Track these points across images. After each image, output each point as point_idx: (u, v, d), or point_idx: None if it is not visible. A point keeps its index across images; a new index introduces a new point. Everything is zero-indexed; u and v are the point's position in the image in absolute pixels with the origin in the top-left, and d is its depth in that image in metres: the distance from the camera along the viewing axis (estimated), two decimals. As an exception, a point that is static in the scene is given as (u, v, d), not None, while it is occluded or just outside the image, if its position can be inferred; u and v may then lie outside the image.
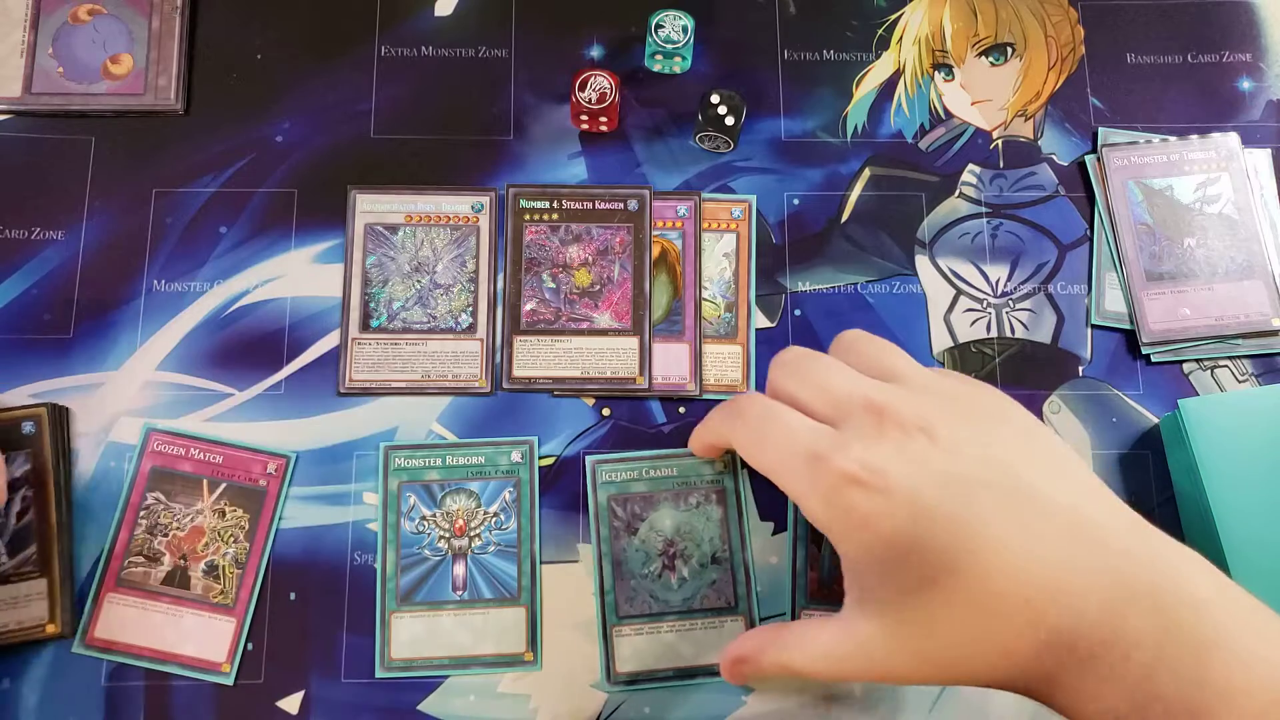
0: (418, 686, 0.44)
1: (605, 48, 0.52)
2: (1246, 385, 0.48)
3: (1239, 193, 0.50)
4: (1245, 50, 0.53)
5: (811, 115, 0.51)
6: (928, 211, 0.50)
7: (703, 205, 0.50)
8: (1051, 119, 0.52)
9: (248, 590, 0.44)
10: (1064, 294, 0.49)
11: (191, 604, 0.44)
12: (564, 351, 0.47)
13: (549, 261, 0.49)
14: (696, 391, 0.47)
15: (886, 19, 0.53)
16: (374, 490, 0.46)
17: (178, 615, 0.44)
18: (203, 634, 0.44)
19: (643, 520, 0.46)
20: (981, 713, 0.44)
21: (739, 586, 0.45)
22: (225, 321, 0.48)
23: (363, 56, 0.51)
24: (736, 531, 0.46)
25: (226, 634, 0.44)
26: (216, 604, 0.44)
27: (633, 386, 0.47)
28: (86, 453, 0.46)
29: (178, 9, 0.51)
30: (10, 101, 0.50)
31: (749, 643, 0.37)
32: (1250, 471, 0.43)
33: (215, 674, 0.43)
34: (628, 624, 0.45)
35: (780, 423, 0.36)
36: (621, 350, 0.47)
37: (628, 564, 0.45)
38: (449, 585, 0.45)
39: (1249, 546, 0.42)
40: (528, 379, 0.47)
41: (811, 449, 0.34)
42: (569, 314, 0.48)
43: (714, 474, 0.46)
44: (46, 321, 0.47)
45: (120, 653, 0.43)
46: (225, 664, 0.43)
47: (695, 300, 0.48)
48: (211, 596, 0.44)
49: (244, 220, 0.49)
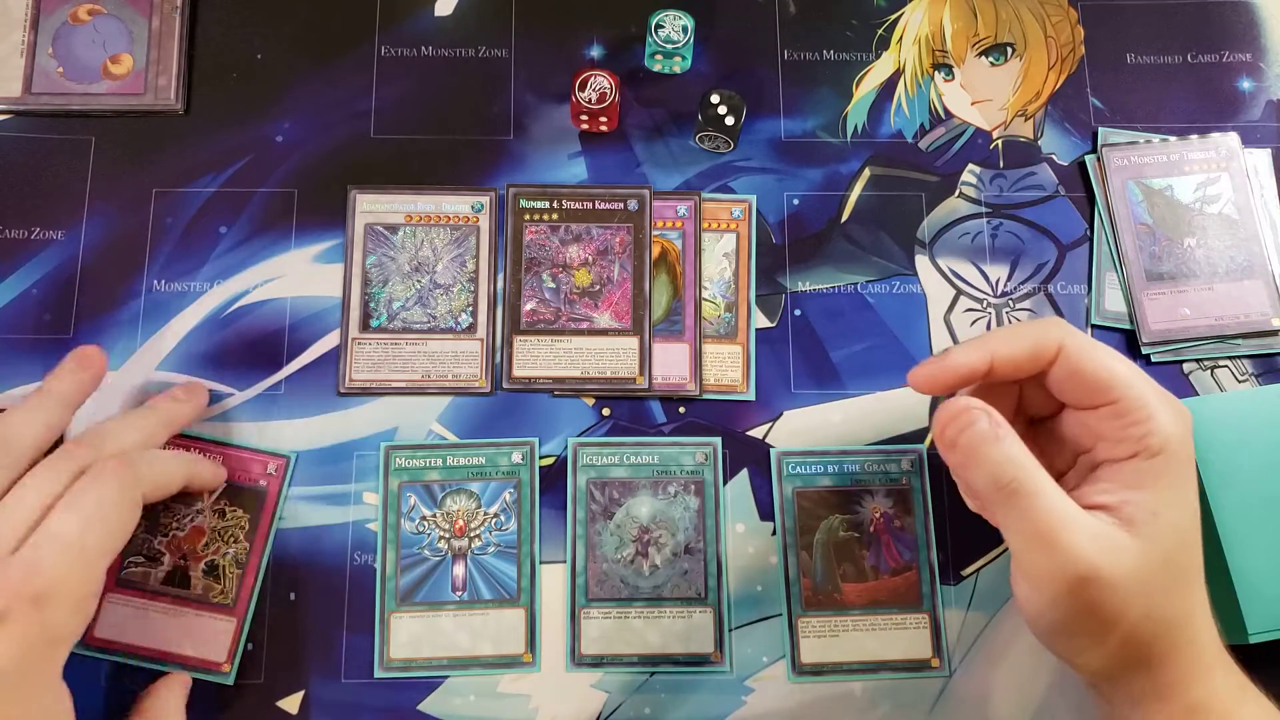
0: (417, 686, 0.44)
1: (605, 48, 0.52)
2: (1246, 385, 0.48)
3: (1239, 193, 0.50)
4: (1245, 50, 0.53)
5: (811, 115, 0.51)
6: (928, 211, 0.50)
7: (703, 205, 0.50)
8: (1051, 119, 0.52)
9: (248, 590, 0.44)
10: (1064, 294, 0.49)
11: (192, 604, 0.44)
12: (564, 351, 0.47)
13: (549, 261, 0.49)
14: (696, 391, 0.47)
15: (886, 19, 0.53)
16: (374, 490, 0.46)
17: (178, 615, 0.44)
18: (203, 634, 0.44)
19: (620, 505, 0.46)
20: (981, 713, 0.44)
21: (710, 578, 0.45)
22: (225, 321, 0.48)
23: (363, 56, 0.51)
24: (712, 523, 0.46)
25: (226, 634, 0.44)
26: (216, 604, 0.44)
27: (633, 386, 0.47)
28: (86, 453, 0.46)
29: (178, 9, 0.51)
30: (10, 101, 0.50)
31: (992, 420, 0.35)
32: (1250, 471, 0.43)
33: (215, 674, 0.43)
34: (596, 607, 0.45)
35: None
36: (621, 350, 0.47)
37: (601, 547, 0.45)
38: (449, 586, 0.45)
39: (1249, 546, 0.42)
40: (528, 379, 0.47)
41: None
42: (569, 314, 0.48)
43: (694, 465, 0.46)
44: (46, 321, 0.47)
45: (120, 653, 0.43)
46: (225, 664, 0.43)
47: (695, 300, 0.48)
48: (212, 596, 0.44)
49: (244, 220, 0.49)
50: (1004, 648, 0.45)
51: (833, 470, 0.47)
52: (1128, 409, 0.35)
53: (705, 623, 0.45)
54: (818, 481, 0.46)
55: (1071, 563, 0.33)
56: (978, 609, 0.45)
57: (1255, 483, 0.43)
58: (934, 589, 0.45)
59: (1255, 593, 0.42)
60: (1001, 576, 0.46)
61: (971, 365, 0.37)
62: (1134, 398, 0.35)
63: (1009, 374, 0.37)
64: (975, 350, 0.37)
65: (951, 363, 0.37)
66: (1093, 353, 0.36)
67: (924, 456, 0.47)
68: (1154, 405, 0.35)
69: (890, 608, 0.45)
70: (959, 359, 0.37)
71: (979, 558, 0.46)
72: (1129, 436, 0.35)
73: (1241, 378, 0.48)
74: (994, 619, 0.45)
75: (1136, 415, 0.35)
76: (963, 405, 0.36)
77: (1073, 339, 0.37)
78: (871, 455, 0.47)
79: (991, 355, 0.37)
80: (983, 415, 0.35)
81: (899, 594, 0.45)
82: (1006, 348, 0.37)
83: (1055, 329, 0.37)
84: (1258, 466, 0.43)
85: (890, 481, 0.47)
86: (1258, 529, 0.42)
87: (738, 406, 0.47)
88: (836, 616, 0.45)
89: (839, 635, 0.45)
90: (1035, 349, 0.37)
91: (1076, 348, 0.36)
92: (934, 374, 0.37)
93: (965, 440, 0.35)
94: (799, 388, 0.48)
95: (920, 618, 0.45)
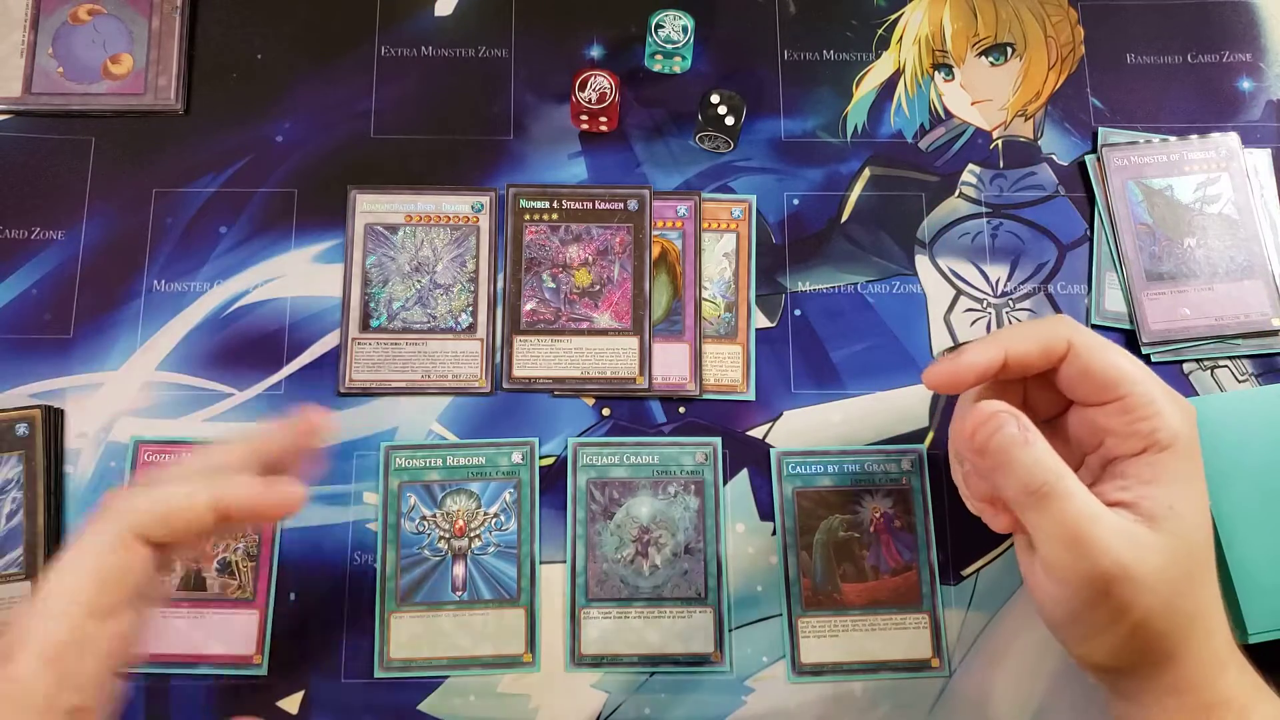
0: (417, 686, 0.44)
1: (605, 48, 0.52)
2: (1246, 385, 0.48)
3: (1239, 193, 0.50)
4: (1245, 50, 0.53)
5: (811, 115, 0.51)
6: (928, 211, 0.50)
7: (703, 205, 0.50)
8: (1051, 119, 0.52)
9: (265, 580, 0.44)
10: (1064, 294, 0.49)
11: (212, 604, 0.44)
12: (564, 351, 0.47)
13: (549, 261, 0.49)
14: (696, 391, 0.47)
15: (886, 19, 0.53)
16: (374, 490, 0.46)
17: (199, 617, 0.44)
18: (228, 631, 0.44)
19: (620, 505, 0.46)
20: (981, 713, 0.44)
21: (710, 578, 0.45)
22: (225, 321, 0.48)
23: (363, 56, 0.51)
24: (712, 523, 0.46)
25: (252, 625, 0.44)
26: (236, 599, 0.44)
27: (633, 386, 0.47)
28: (86, 453, 0.46)
29: (178, 9, 0.51)
30: (10, 101, 0.50)
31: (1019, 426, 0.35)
32: (1250, 471, 0.43)
33: (248, 667, 0.43)
34: (596, 607, 0.45)
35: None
36: (621, 350, 0.47)
37: (601, 547, 0.45)
38: (449, 586, 0.45)
39: (1249, 546, 0.42)
40: (528, 379, 0.47)
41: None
42: (569, 314, 0.48)
43: (694, 465, 0.46)
44: (46, 321, 0.47)
45: (149, 663, 0.43)
46: (256, 655, 0.43)
47: (695, 300, 0.48)
48: (229, 593, 0.44)
49: (244, 220, 0.49)
50: (1004, 648, 0.45)
51: (833, 470, 0.47)
52: (1136, 404, 0.36)
53: (705, 623, 0.45)
54: (818, 481, 0.46)
55: (1104, 563, 0.33)
56: (978, 609, 0.45)
57: (1255, 482, 0.43)
58: (934, 589, 0.45)
59: (1255, 592, 0.42)
60: (1002, 576, 0.46)
61: (988, 362, 0.37)
62: (1141, 393, 0.36)
63: (1020, 371, 0.38)
64: (990, 347, 0.37)
65: (968, 361, 0.37)
66: (1102, 350, 0.37)
67: (924, 456, 0.47)
68: (1161, 400, 0.36)
69: (890, 608, 0.45)
70: (975, 357, 0.37)
71: (979, 558, 0.46)
72: (1138, 431, 0.36)
73: (1241, 378, 0.48)
74: (994, 619, 0.45)
75: (1145, 410, 0.36)
76: (991, 410, 0.36)
77: (1081, 336, 0.37)
78: (871, 455, 0.47)
79: (1005, 352, 0.37)
80: (1011, 419, 0.35)
81: (899, 594, 0.45)
82: (1019, 344, 0.37)
83: (1064, 326, 0.37)
84: (1258, 466, 0.43)
85: (890, 481, 0.47)
86: (1257, 529, 0.42)
87: (738, 406, 0.47)
88: (836, 616, 0.45)
89: (839, 635, 0.45)
90: (1046, 346, 0.37)
91: (1085, 345, 0.37)
92: (952, 372, 0.37)
93: (996, 444, 0.35)
94: (799, 388, 0.48)
95: (920, 618, 0.45)
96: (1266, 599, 0.42)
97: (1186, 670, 0.35)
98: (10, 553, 0.44)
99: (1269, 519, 0.42)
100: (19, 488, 0.44)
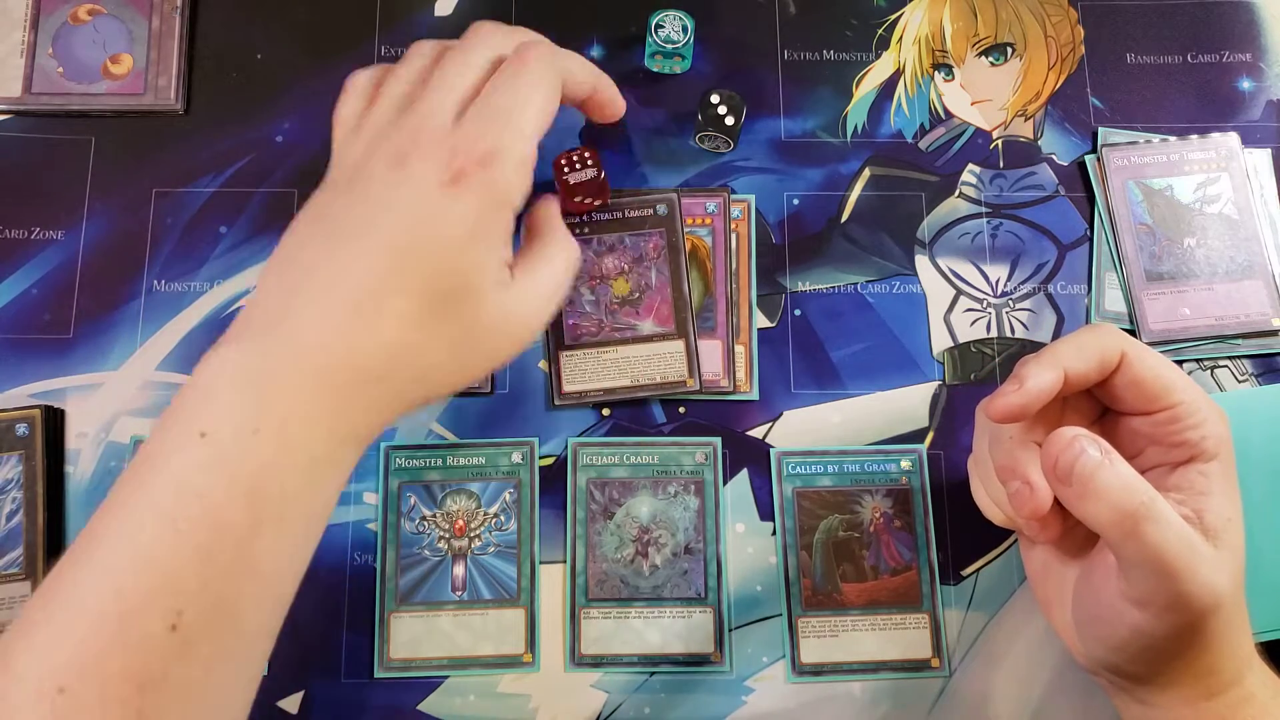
0: (417, 686, 0.44)
1: (605, 48, 0.52)
2: (1246, 385, 0.48)
3: (1239, 193, 0.50)
4: (1245, 50, 0.53)
5: (811, 115, 0.51)
6: (928, 211, 0.50)
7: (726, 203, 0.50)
8: (1051, 119, 0.52)
9: None
10: (1064, 294, 0.49)
11: None
12: (611, 362, 0.47)
13: (585, 274, 0.48)
14: (730, 388, 0.47)
15: (886, 19, 0.53)
16: (374, 490, 0.46)
17: None
18: None
19: (619, 505, 0.46)
20: (981, 713, 0.44)
21: (710, 578, 0.45)
22: (225, 321, 0.48)
23: (363, 56, 0.51)
24: (712, 523, 0.46)
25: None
26: None
27: (685, 390, 0.47)
28: (86, 453, 0.46)
29: (178, 9, 0.51)
30: (10, 101, 0.50)
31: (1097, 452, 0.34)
32: (1250, 471, 0.43)
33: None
34: (596, 607, 0.45)
35: None
36: (669, 354, 0.47)
37: (601, 547, 0.45)
38: (449, 586, 0.45)
39: (1251, 546, 0.42)
40: (579, 393, 0.47)
41: None
42: (611, 324, 0.48)
43: (694, 465, 0.46)
44: (46, 321, 0.47)
45: None
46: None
47: (727, 297, 0.48)
48: None
49: (244, 220, 0.49)
50: (1004, 648, 0.45)
51: (833, 470, 0.47)
52: (1185, 413, 0.36)
53: (705, 623, 0.45)
54: (817, 481, 0.46)
55: (1201, 595, 0.33)
56: (978, 609, 0.45)
57: (1255, 483, 0.43)
58: (934, 589, 0.45)
59: (1255, 592, 0.42)
60: (1001, 576, 0.46)
61: (1051, 386, 0.36)
62: (1190, 401, 0.36)
63: (1076, 387, 0.37)
64: (1049, 370, 0.36)
65: (1034, 389, 0.36)
66: (1153, 360, 0.37)
67: (924, 456, 0.47)
68: (1206, 408, 0.36)
69: (890, 608, 0.45)
70: (1039, 383, 0.36)
71: (979, 558, 0.46)
72: (1187, 440, 0.36)
73: (1241, 378, 0.48)
74: (994, 619, 0.45)
75: (1193, 419, 0.36)
76: (1070, 436, 0.35)
77: (1133, 347, 0.37)
78: (871, 455, 0.47)
79: (1065, 371, 0.36)
80: (1091, 443, 0.34)
81: (899, 594, 0.45)
82: (1076, 362, 0.36)
83: (1115, 338, 0.37)
84: (1259, 466, 0.43)
85: (890, 481, 0.47)
86: (1258, 529, 0.42)
87: (738, 406, 0.47)
88: (836, 616, 0.45)
89: (839, 635, 0.45)
90: (1102, 360, 0.36)
91: (1138, 355, 0.37)
92: (1022, 405, 0.36)
93: (1080, 470, 0.34)
94: (799, 388, 0.48)
95: (920, 618, 0.45)
96: (1267, 599, 0.42)
97: (1222, 677, 0.35)
98: (10, 553, 0.44)
99: (1271, 519, 0.42)
100: (19, 488, 0.44)
